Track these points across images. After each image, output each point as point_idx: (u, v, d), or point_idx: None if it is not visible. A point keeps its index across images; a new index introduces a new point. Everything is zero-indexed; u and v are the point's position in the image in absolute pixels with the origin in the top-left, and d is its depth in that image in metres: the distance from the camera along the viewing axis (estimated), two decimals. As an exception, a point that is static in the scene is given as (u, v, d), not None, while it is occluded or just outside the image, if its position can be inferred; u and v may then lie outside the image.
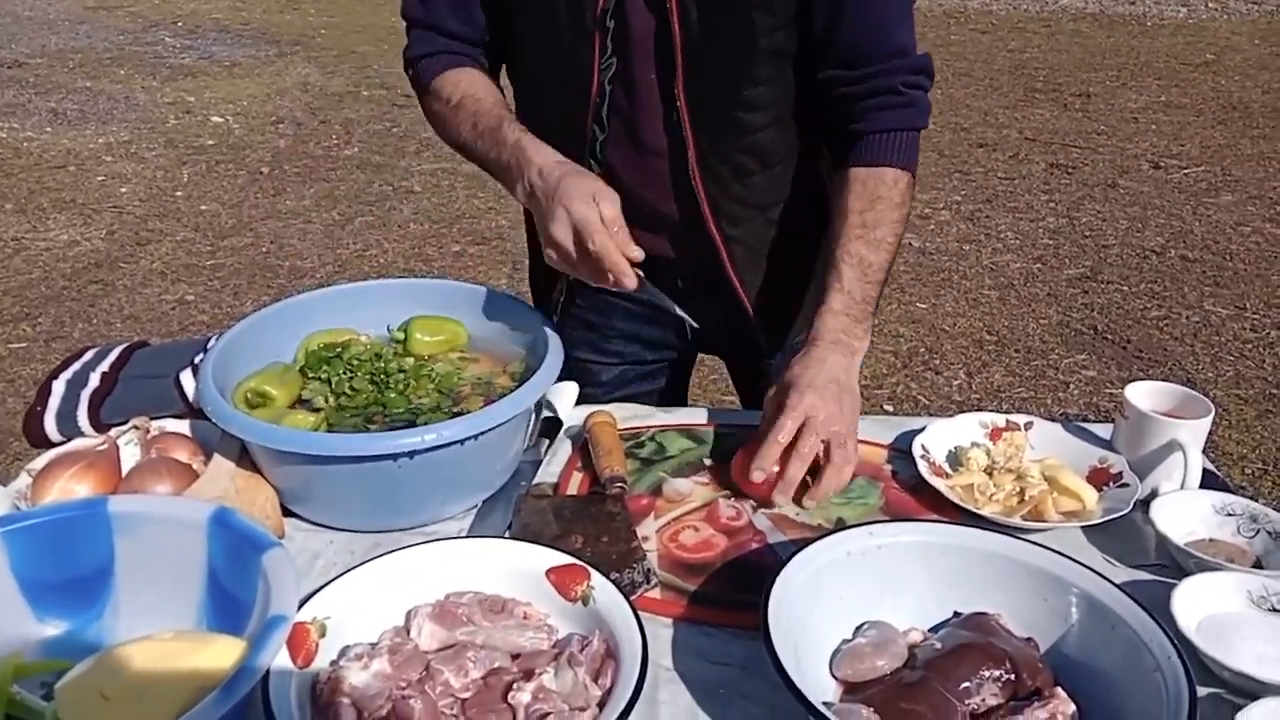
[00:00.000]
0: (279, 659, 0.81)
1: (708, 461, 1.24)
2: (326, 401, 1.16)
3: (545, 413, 1.28)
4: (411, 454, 1.01)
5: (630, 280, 1.14)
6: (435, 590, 0.94)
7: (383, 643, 0.88)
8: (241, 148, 5.83)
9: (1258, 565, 1.05)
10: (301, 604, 0.87)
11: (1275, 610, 0.95)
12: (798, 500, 1.14)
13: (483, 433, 1.05)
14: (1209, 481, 1.18)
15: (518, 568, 0.95)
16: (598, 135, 1.27)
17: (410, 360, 1.24)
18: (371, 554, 0.96)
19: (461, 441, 1.03)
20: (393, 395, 1.17)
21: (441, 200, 5.06)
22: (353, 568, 0.92)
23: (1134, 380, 1.23)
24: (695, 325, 1.24)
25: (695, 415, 1.35)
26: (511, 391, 1.11)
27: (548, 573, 0.93)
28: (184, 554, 0.92)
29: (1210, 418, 1.16)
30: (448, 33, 1.31)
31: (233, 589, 0.90)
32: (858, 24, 1.19)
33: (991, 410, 1.34)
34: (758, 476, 1.12)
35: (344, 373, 1.18)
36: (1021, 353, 3.52)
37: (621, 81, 1.23)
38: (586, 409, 1.30)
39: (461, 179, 5.36)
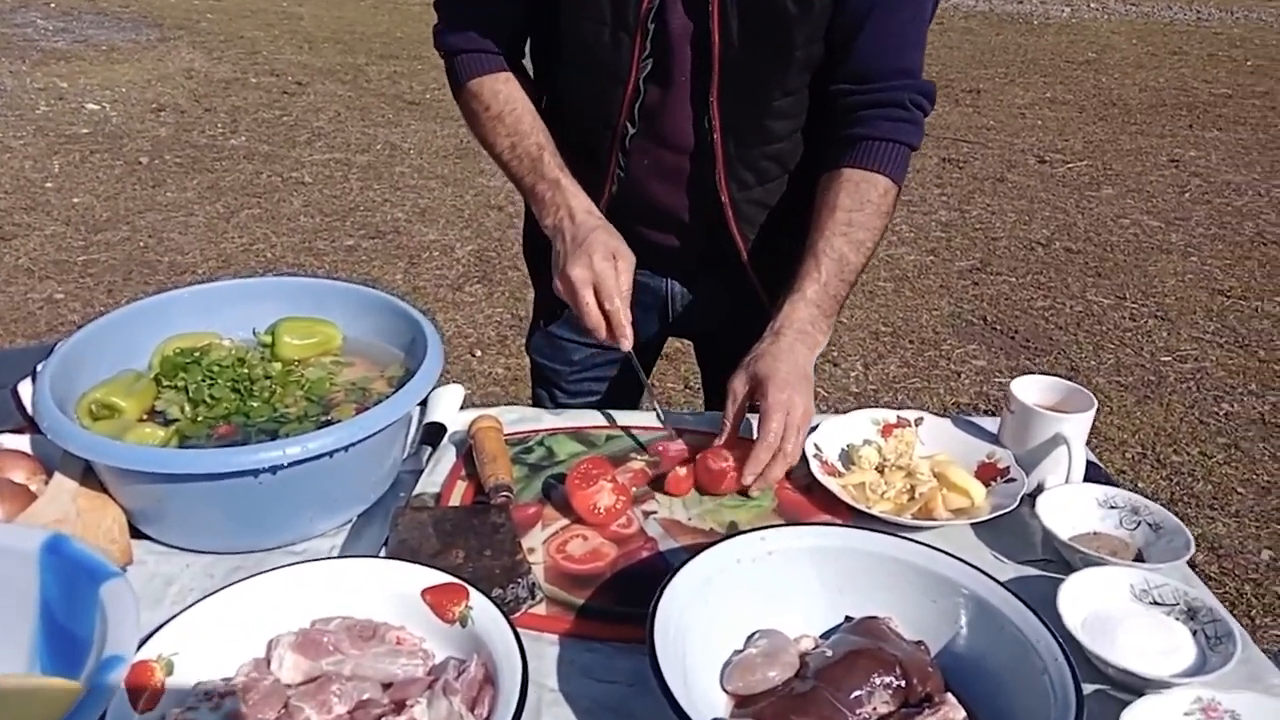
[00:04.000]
0: (117, 704, 0.73)
1: (598, 466, 1.19)
2: (183, 412, 1.07)
3: (427, 418, 1.22)
4: (274, 469, 0.94)
5: (627, 343, 1.20)
6: (300, 617, 0.87)
7: (238, 678, 0.81)
8: (119, 136, 5.53)
9: (1139, 558, 1.06)
10: (147, 638, 0.79)
11: (1156, 603, 0.96)
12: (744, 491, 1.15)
13: (354, 443, 0.98)
14: (1093, 474, 1.19)
15: (391, 589, 0.89)
16: (629, 130, 1.28)
17: (277, 365, 1.16)
18: (232, 578, 0.90)
19: (330, 454, 0.96)
20: (256, 404, 1.09)
21: (334, 192, 4.89)
22: (205, 596, 0.85)
23: (1021, 369, 1.25)
24: (653, 386, 1.28)
25: (585, 418, 1.31)
26: (387, 397, 1.04)
27: (424, 593, 0.88)
28: (13, 587, 0.84)
29: (1093, 411, 1.17)
30: (482, 15, 1.30)
31: (69, 625, 0.82)
32: (873, 42, 1.22)
33: (886, 402, 1.34)
34: (749, 479, 1.11)
35: (203, 380, 1.09)
36: (915, 344, 3.59)
37: (656, 81, 1.25)
38: (471, 414, 1.24)
39: (355, 170, 5.20)
